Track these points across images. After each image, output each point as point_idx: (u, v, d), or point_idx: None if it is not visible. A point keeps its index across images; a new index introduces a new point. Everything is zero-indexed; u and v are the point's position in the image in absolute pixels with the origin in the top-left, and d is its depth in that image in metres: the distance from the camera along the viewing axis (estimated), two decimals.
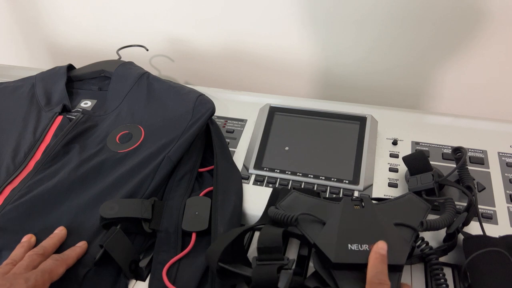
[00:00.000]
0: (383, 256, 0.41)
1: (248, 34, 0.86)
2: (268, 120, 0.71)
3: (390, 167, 0.63)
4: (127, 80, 0.74)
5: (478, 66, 0.76)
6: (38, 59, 1.11)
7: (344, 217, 0.47)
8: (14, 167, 0.62)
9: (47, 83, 0.76)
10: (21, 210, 0.56)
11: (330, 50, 0.82)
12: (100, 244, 0.51)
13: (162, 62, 0.98)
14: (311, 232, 0.48)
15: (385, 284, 0.39)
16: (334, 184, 0.62)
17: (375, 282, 0.39)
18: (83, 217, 0.56)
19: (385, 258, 0.41)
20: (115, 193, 0.58)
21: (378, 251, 0.42)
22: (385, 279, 0.40)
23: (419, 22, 0.73)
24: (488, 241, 0.48)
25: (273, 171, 0.64)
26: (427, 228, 0.47)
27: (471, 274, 0.47)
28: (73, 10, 0.96)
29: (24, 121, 0.70)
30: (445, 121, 0.69)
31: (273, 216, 0.50)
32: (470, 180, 0.55)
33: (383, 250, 0.42)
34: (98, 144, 0.65)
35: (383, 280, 0.39)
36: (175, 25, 0.90)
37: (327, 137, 0.68)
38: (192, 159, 0.64)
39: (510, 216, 0.55)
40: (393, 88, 0.84)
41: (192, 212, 0.57)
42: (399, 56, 0.79)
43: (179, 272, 0.52)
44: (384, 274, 0.40)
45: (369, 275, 0.40)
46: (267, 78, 0.92)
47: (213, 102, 0.69)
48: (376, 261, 0.41)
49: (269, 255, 0.46)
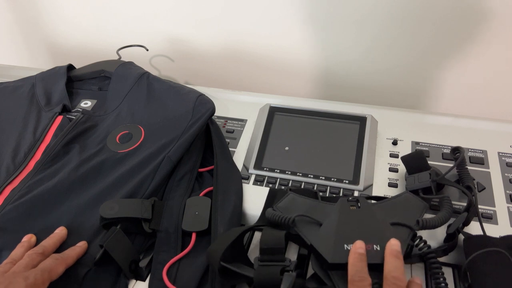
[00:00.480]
0: (398, 252, 0.42)
1: (248, 34, 0.86)
2: (268, 120, 0.71)
3: (390, 167, 0.63)
4: (127, 80, 0.74)
5: (478, 66, 0.76)
6: (38, 59, 1.11)
7: (340, 217, 0.47)
8: (14, 167, 0.62)
9: (47, 83, 0.76)
10: (21, 210, 0.56)
11: (330, 50, 0.82)
12: (100, 244, 0.51)
13: (162, 62, 0.98)
14: (308, 233, 0.48)
15: (402, 280, 0.40)
16: (334, 184, 0.62)
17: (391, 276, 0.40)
18: (83, 217, 0.56)
19: (399, 254, 0.42)
20: (115, 193, 0.58)
21: (391, 247, 0.43)
22: (401, 275, 0.40)
23: (419, 22, 0.73)
24: (489, 241, 0.48)
25: (273, 171, 0.64)
26: (423, 227, 0.47)
27: (471, 274, 0.47)
28: (73, 10, 0.96)
29: (24, 121, 0.70)
30: (445, 121, 0.69)
31: (270, 217, 0.50)
32: (470, 180, 0.55)
33: (397, 246, 0.43)
34: (98, 144, 0.65)
35: (398, 275, 0.40)
36: (175, 25, 0.90)
37: (327, 137, 0.68)
38: (192, 159, 0.64)
39: (510, 216, 0.55)
40: (393, 88, 0.84)
41: (192, 212, 0.57)
42: (399, 56, 0.79)
43: (179, 272, 0.52)
44: (400, 270, 0.41)
45: (385, 271, 0.41)
46: (267, 78, 0.92)
47: (213, 102, 0.69)
48: (391, 258, 0.42)
49: (271, 256, 0.46)
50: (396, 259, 0.41)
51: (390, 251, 0.42)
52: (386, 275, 0.40)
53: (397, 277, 0.40)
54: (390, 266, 0.41)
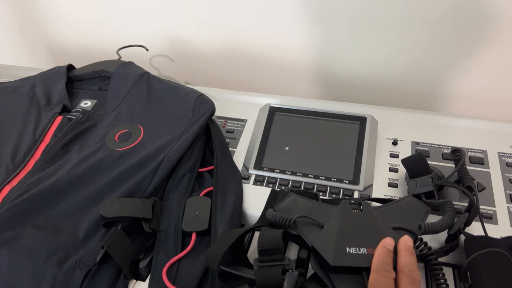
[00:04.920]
0: (412, 248, 0.43)
1: (248, 34, 0.86)
2: (268, 120, 0.71)
3: (390, 167, 0.63)
4: (127, 80, 0.74)
5: (478, 66, 0.76)
6: (38, 59, 1.11)
7: (342, 220, 0.47)
8: (13, 167, 0.62)
9: (47, 83, 0.76)
10: (19, 209, 0.56)
11: (330, 50, 0.82)
12: (101, 245, 0.51)
13: (162, 62, 0.98)
14: (309, 235, 0.48)
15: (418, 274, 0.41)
16: (334, 184, 0.62)
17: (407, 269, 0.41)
18: (81, 215, 0.56)
19: (413, 250, 0.43)
20: (114, 191, 0.58)
21: (406, 243, 0.43)
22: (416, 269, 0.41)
23: (420, 23, 0.73)
24: (490, 242, 0.48)
25: (273, 171, 0.64)
26: (425, 232, 0.47)
27: (471, 274, 0.47)
28: (73, 10, 0.96)
29: (24, 121, 0.70)
30: (445, 121, 0.69)
31: (271, 218, 0.50)
32: (470, 180, 0.55)
33: (410, 243, 0.44)
34: (97, 143, 0.65)
35: (414, 269, 0.41)
36: (175, 25, 0.90)
37: (327, 137, 0.67)
38: (192, 159, 0.64)
39: (510, 216, 0.55)
40: (393, 88, 0.84)
41: (192, 212, 0.57)
42: (399, 56, 0.79)
43: (179, 272, 0.52)
44: (415, 265, 0.42)
45: (401, 264, 0.42)
46: (267, 78, 0.92)
47: (213, 102, 0.69)
48: (406, 253, 0.43)
49: (270, 256, 0.46)
50: (410, 255, 0.42)
51: (404, 246, 0.43)
52: (402, 268, 0.41)
53: (413, 271, 0.41)
54: (406, 260, 0.42)
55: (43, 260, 0.51)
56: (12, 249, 0.52)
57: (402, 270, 0.41)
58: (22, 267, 0.50)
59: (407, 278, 0.40)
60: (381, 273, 0.41)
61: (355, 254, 0.43)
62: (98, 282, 0.51)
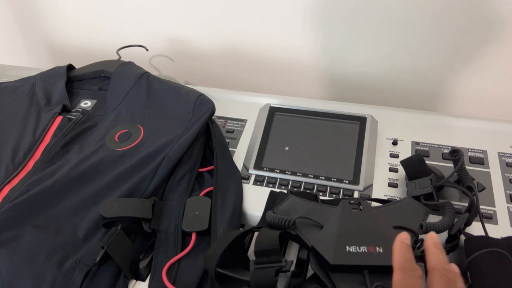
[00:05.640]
0: (440, 244, 0.40)
1: (248, 34, 0.86)
2: (268, 120, 0.71)
3: (390, 167, 0.63)
4: (127, 80, 0.74)
5: (479, 66, 0.76)
6: (38, 59, 1.11)
7: (342, 220, 0.47)
8: (13, 167, 0.62)
9: (47, 83, 0.76)
10: (18, 209, 0.56)
11: (330, 50, 0.82)
12: (101, 245, 0.51)
13: (162, 62, 0.98)
14: (309, 235, 0.47)
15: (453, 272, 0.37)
16: (334, 184, 0.62)
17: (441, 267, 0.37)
18: (81, 215, 0.56)
19: (442, 247, 0.40)
20: (114, 191, 0.58)
21: (434, 240, 0.40)
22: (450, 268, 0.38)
23: (420, 23, 0.73)
24: (490, 242, 0.48)
25: (273, 171, 0.64)
26: (427, 231, 0.47)
27: (471, 274, 0.47)
28: (73, 10, 0.96)
29: (24, 121, 0.70)
30: (445, 121, 0.69)
31: (271, 220, 0.50)
32: (470, 180, 0.55)
33: (438, 239, 0.40)
34: (97, 143, 0.65)
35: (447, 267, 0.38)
36: (175, 25, 0.90)
37: (327, 137, 0.67)
38: (192, 159, 0.64)
39: (510, 216, 0.55)
40: (393, 88, 0.84)
41: (192, 212, 0.57)
42: (399, 56, 0.79)
43: (179, 272, 0.52)
44: (447, 262, 0.38)
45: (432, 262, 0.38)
46: (267, 78, 0.92)
47: (213, 102, 0.69)
48: (436, 249, 0.39)
49: (267, 258, 0.46)
50: (441, 252, 0.39)
51: (433, 243, 0.40)
52: (435, 266, 0.37)
53: (448, 269, 0.37)
54: (438, 257, 0.38)
55: (43, 260, 0.51)
56: (12, 249, 0.52)
57: (435, 268, 0.37)
58: (22, 267, 0.50)
59: (442, 278, 0.36)
60: (408, 272, 0.37)
61: (356, 252, 0.43)
62: (98, 282, 0.51)
